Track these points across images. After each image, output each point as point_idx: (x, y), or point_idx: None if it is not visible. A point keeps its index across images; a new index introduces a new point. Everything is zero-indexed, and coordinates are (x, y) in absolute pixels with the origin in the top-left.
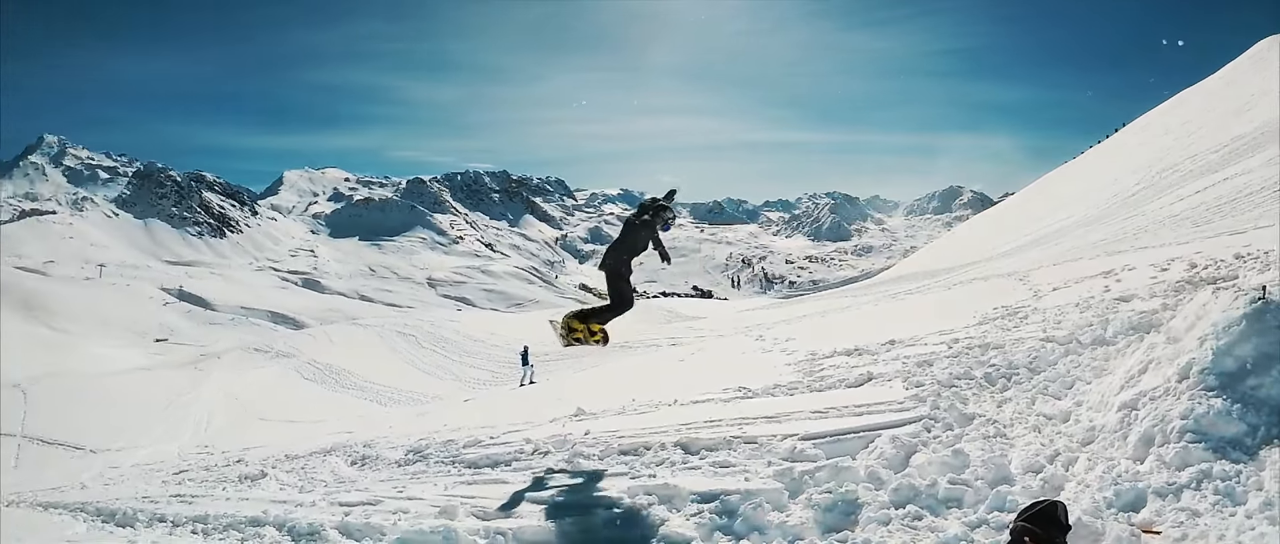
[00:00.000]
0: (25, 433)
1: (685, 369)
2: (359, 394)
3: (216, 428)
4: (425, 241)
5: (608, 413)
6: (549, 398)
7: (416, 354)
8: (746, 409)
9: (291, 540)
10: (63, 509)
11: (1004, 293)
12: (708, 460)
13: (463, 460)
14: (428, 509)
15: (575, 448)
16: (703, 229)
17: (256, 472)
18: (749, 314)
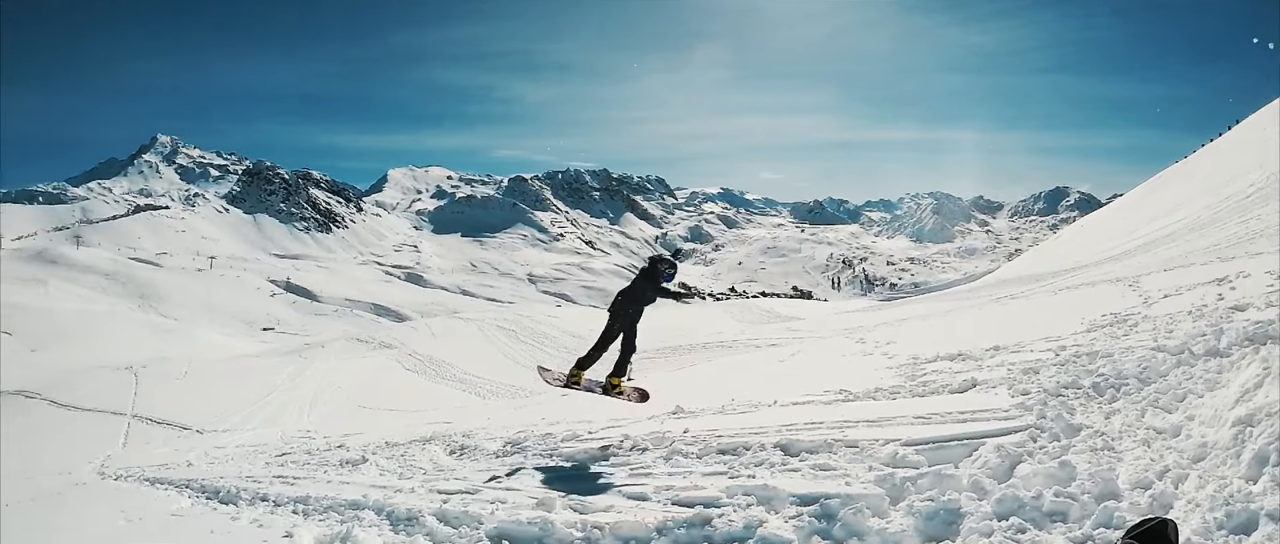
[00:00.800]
0: (135, 413)
1: (785, 370)
2: (458, 386)
3: (319, 414)
4: (526, 238)
5: (706, 411)
6: None
7: (515, 348)
8: (847, 412)
9: (390, 525)
10: (169, 485)
11: (1112, 299)
12: (808, 463)
13: (560, 454)
14: (525, 500)
15: (673, 445)
16: (803, 229)
17: (357, 457)
18: (849, 316)
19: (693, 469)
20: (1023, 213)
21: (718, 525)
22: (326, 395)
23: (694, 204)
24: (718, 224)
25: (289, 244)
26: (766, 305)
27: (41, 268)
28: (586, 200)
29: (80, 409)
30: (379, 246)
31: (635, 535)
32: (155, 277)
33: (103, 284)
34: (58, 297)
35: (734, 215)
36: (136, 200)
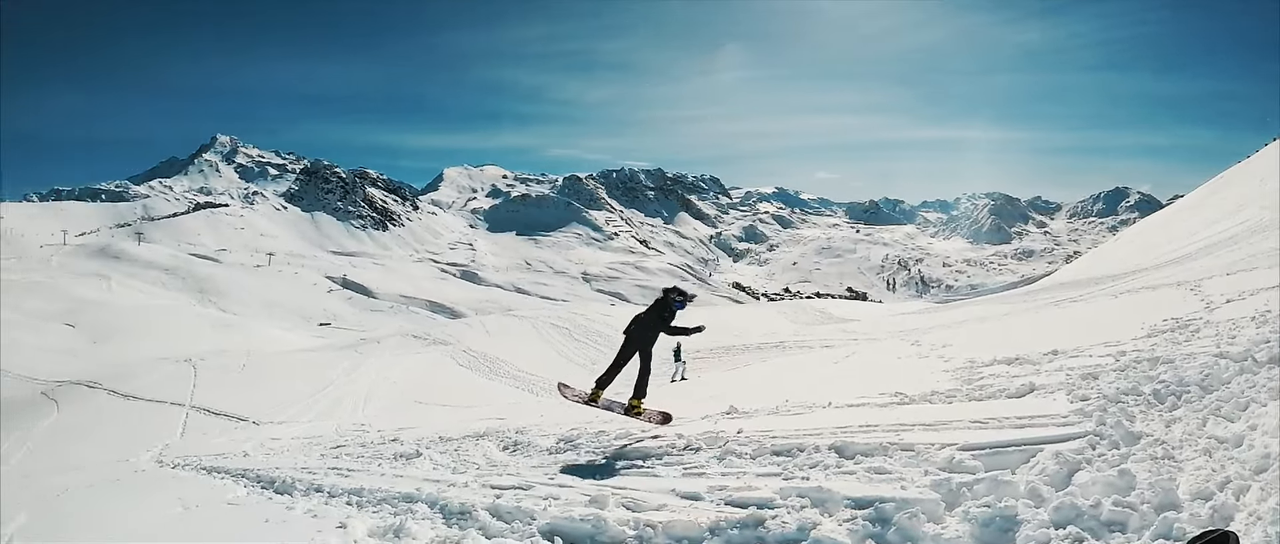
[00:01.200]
0: (193, 403)
1: (839, 372)
2: (512, 382)
3: (373, 408)
4: (581, 237)
5: (760, 412)
6: (701, 395)
7: (569, 346)
8: (903, 415)
9: (443, 518)
10: (225, 474)
11: (1173, 303)
12: (863, 466)
13: (613, 452)
14: (578, 497)
15: (727, 446)
16: (858, 229)
17: (411, 451)
18: (904, 318)
19: (746, 469)
20: (1081, 214)
21: (771, 527)
22: (381, 390)
23: (749, 203)
24: (772, 224)
25: (346, 241)
26: (821, 306)
27: (104, 263)
28: (641, 199)
29: (140, 399)
30: (434, 244)
31: (688, 535)
32: (215, 272)
33: (163, 279)
34: (120, 291)
35: (789, 215)
36: (197, 198)
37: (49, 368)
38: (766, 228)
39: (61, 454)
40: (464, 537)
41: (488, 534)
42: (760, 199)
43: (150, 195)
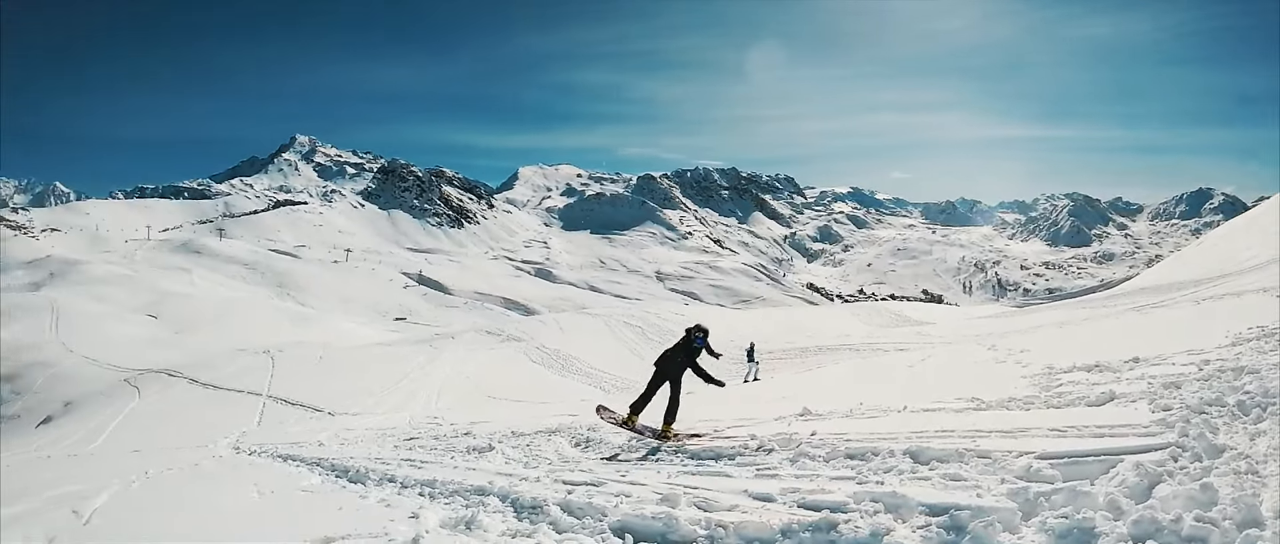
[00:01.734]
0: (270, 393)
1: (914, 376)
2: (584, 380)
3: (447, 402)
4: (655, 236)
5: (834, 415)
6: (774, 396)
7: (642, 345)
8: (979, 421)
9: (514, 512)
10: (300, 462)
11: (1260, 310)
12: (938, 472)
13: (685, 451)
14: (650, 495)
15: (800, 448)
16: (934, 230)
17: (484, 445)
18: (980, 322)
19: (820, 472)
20: (1163, 216)
21: (844, 531)
22: (455, 384)
23: (823, 203)
24: (847, 224)
25: (422, 239)
26: (895, 308)
27: (186, 258)
28: (715, 199)
29: (219, 388)
30: (509, 242)
31: (760, 536)
32: (293, 267)
33: (243, 274)
34: (201, 284)
35: (864, 215)
36: (276, 196)
37: (133, 356)
38: (841, 228)
39: (142, 438)
40: (535, 531)
41: (559, 529)
42: (835, 199)
43: (231, 193)
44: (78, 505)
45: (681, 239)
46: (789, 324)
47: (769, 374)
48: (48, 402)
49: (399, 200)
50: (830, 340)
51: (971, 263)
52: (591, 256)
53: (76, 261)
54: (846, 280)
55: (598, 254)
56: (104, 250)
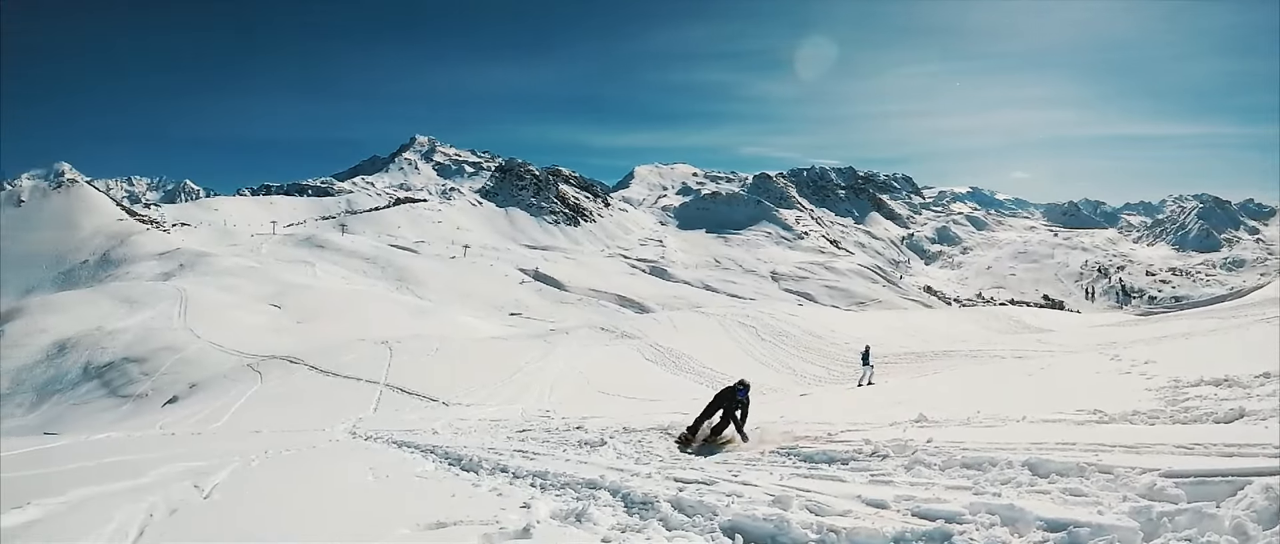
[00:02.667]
0: (387, 382)
1: (1033, 384)
2: (696, 379)
3: (559, 396)
4: (770, 236)
5: (951, 422)
6: (889, 401)
7: (755, 345)
8: (1101, 435)
9: (625, 507)
10: (414, 449)
11: None
12: (1057, 486)
13: (798, 454)
14: (762, 496)
15: (916, 455)
16: (1056, 232)
17: (596, 439)
18: (1102, 330)
19: (935, 481)
20: None
21: (958, 542)
22: (567, 379)
23: (942, 204)
24: (966, 225)
25: (538, 236)
26: (1014, 314)
27: (310, 251)
28: (831, 199)
29: (338, 376)
30: (625, 240)
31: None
32: (412, 262)
33: (364, 267)
34: (323, 277)
35: (983, 216)
36: (397, 194)
37: (256, 343)
38: (960, 229)
39: (262, 420)
40: (645, 526)
41: (669, 526)
42: (954, 199)
43: (353, 191)
44: (199, 480)
45: (797, 239)
46: (905, 327)
47: (883, 378)
48: (174, 383)
49: (516, 198)
50: (947, 345)
51: (1094, 267)
52: (706, 255)
53: (205, 254)
54: (964, 284)
55: (713, 253)
56: (231, 243)
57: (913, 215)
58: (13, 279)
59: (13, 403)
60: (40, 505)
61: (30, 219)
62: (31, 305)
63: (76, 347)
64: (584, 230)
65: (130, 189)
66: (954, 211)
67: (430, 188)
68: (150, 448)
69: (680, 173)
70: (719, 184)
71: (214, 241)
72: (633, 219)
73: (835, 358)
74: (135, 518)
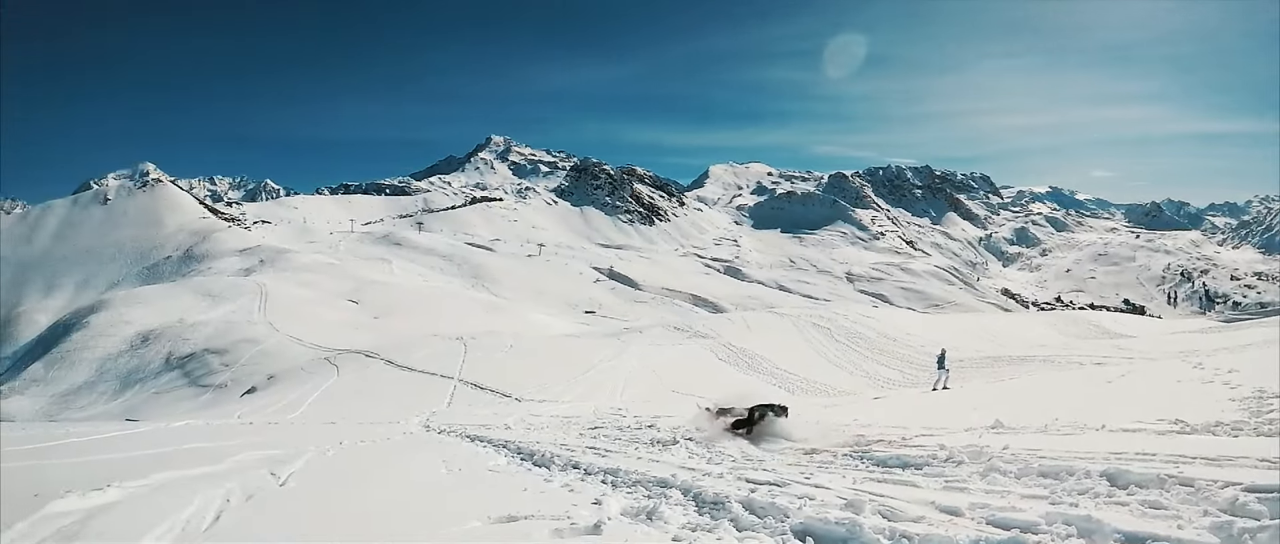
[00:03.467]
0: (461, 377)
1: (1112, 392)
2: (769, 379)
3: (631, 395)
4: (845, 236)
5: (1027, 429)
6: (964, 406)
7: (829, 347)
8: (1182, 446)
9: (696, 506)
10: (487, 443)
11: None
12: (1136, 497)
13: (871, 457)
14: (834, 499)
15: (991, 461)
16: (1138, 235)
17: (667, 438)
18: (1184, 337)
19: (1011, 489)
20: None
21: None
22: (640, 377)
23: (1021, 204)
24: (1045, 226)
25: (613, 235)
26: (1093, 319)
27: (387, 249)
28: (908, 198)
29: (413, 370)
30: (699, 240)
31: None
32: (487, 260)
33: (440, 265)
34: (400, 274)
35: (1063, 217)
36: (473, 193)
37: (333, 337)
38: (1039, 230)
39: (338, 412)
40: (716, 526)
41: (739, 527)
42: (1033, 199)
43: (430, 190)
44: (276, 468)
45: (873, 239)
46: (981, 331)
47: (958, 383)
48: (253, 374)
49: (591, 198)
50: (1024, 350)
51: (1177, 271)
52: (781, 255)
53: (284, 251)
54: (1043, 286)
55: (787, 253)
56: (310, 241)
57: (990, 216)
58: (99, 273)
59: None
60: (121, 487)
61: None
62: (116, 298)
63: (159, 338)
64: (658, 229)
65: (212, 188)
66: (1033, 212)
67: (506, 187)
68: (228, 436)
69: (755, 172)
70: (794, 183)
71: (293, 239)
72: (707, 218)
73: (910, 361)
74: (213, 502)
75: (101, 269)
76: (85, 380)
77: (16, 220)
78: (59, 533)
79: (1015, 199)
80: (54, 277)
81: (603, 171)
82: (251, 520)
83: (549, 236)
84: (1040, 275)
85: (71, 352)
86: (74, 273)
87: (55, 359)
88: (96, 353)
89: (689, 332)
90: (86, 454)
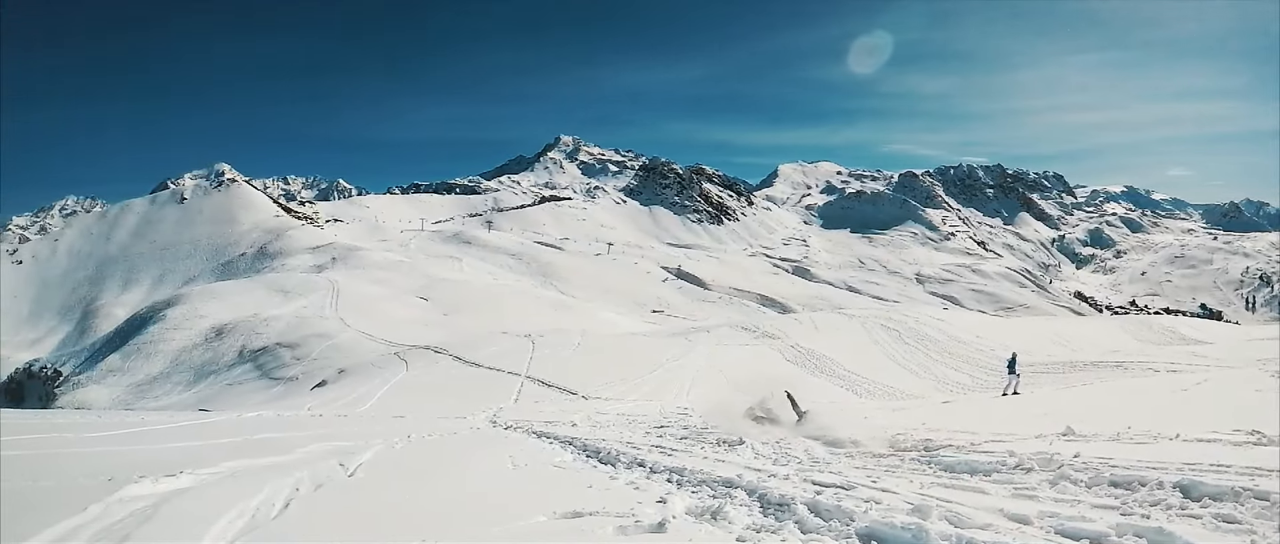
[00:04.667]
0: (528, 374)
1: (1187, 401)
2: (837, 381)
3: (697, 394)
4: (916, 236)
5: (1099, 437)
6: (1034, 412)
7: (898, 349)
8: (1259, 458)
9: (761, 508)
10: (553, 439)
11: None
12: (1210, 511)
13: (939, 463)
14: (900, 504)
15: (1062, 469)
16: (1216, 236)
17: (733, 438)
18: (1263, 344)
19: (1081, 498)
20: None
21: None
22: (706, 377)
23: (1095, 204)
24: (1120, 227)
25: (681, 234)
26: (1168, 324)
27: (457, 247)
28: (979, 198)
29: (480, 366)
30: (768, 239)
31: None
32: (556, 258)
33: (509, 263)
34: (469, 271)
35: (1138, 218)
36: (542, 192)
37: (403, 334)
38: (1113, 231)
39: (407, 406)
40: (781, 528)
41: (804, 529)
42: (1107, 199)
43: (499, 189)
44: (344, 460)
45: (944, 240)
46: (1053, 335)
47: (1029, 388)
48: (324, 368)
49: (660, 197)
50: (1097, 355)
51: (1256, 275)
52: (850, 256)
53: (356, 248)
54: (1117, 290)
55: (857, 253)
56: (381, 239)
57: (1064, 216)
58: (175, 270)
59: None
60: (193, 474)
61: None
62: (192, 294)
63: (233, 332)
64: (727, 229)
65: (286, 188)
66: (1107, 212)
67: (575, 186)
68: (299, 427)
69: (824, 171)
70: (863, 183)
71: (365, 237)
72: (776, 218)
73: (980, 365)
74: (282, 491)
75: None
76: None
77: (96, 219)
78: (132, 515)
79: (1089, 199)
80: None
81: (671, 171)
82: (319, 509)
83: (617, 235)
84: (1114, 278)
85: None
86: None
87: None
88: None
89: (756, 332)
90: (160, 442)
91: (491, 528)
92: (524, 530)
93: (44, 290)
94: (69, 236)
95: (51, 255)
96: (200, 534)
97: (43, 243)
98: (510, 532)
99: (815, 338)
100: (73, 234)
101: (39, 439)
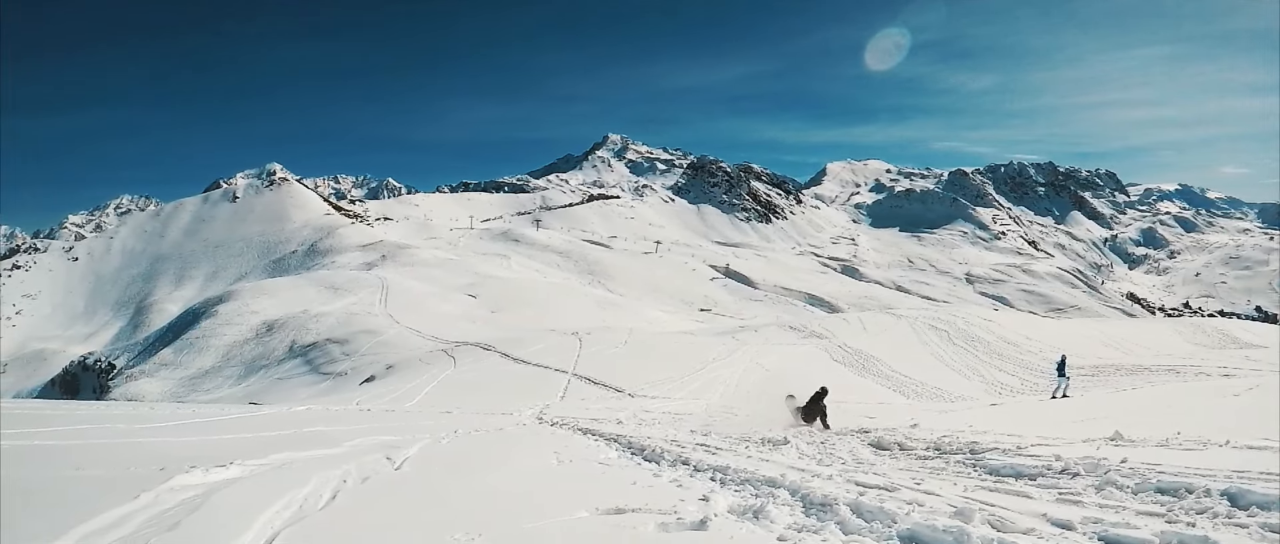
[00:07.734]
0: (575, 371)
1: (1239, 406)
2: (884, 382)
3: (743, 393)
4: (965, 235)
5: (1148, 443)
6: (1083, 415)
7: (946, 350)
8: None
9: (803, 507)
10: (598, 437)
11: None
12: (1257, 520)
13: (984, 466)
14: (943, 507)
15: (1108, 475)
16: (1272, 236)
17: (779, 438)
18: None
19: (1126, 504)
20: None
21: None
22: (753, 376)
23: (1148, 203)
24: (1174, 227)
25: (729, 233)
26: (1222, 327)
27: (505, 245)
28: (1030, 196)
29: (527, 363)
30: (816, 238)
31: None
32: (604, 256)
33: (557, 261)
34: (518, 269)
35: (1192, 217)
36: (590, 191)
37: (451, 330)
38: (1167, 231)
39: (454, 401)
40: (822, 528)
41: (846, 530)
42: (1161, 198)
43: (547, 188)
44: (391, 453)
45: (994, 239)
46: (1105, 337)
47: (1079, 391)
48: (372, 363)
49: (708, 195)
50: (1148, 359)
51: None
52: (899, 255)
53: (405, 246)
54: (1171, 291)
55: (906, 252)
56: (430, 237)
57: (1116, 215)
58: (227, 266)
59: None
60: (243, 465)
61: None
62: (243, 290)
63: (283, 327)
64: (775, 228)
65: (336, 187)
66: (1161, 211)
67: (623, 185)
68: (347, 421)
69: (873, 169)
70: (913, 181)
71: (414, 235)
72: (824, 217)
73: (1029, 367)
74: (330, 482)
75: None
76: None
77: (150, 217)
78: (182, 504)
79: (1142, 198)
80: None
81: (719, 169)
82: (366, 501)
83: (665, 234)
84: (1167, 279)
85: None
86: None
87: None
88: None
89: (804, 331)
90: (211, 433)
91: (534, 522)
92: (566, 525)
93: (99, 286)
94: (124, 234)
95: (106, 252)
96: (248, 523)
97: (98, 240)
98: (553, 526)
99: (863, 338)
100: (127, 232)
101: (94, 429)
